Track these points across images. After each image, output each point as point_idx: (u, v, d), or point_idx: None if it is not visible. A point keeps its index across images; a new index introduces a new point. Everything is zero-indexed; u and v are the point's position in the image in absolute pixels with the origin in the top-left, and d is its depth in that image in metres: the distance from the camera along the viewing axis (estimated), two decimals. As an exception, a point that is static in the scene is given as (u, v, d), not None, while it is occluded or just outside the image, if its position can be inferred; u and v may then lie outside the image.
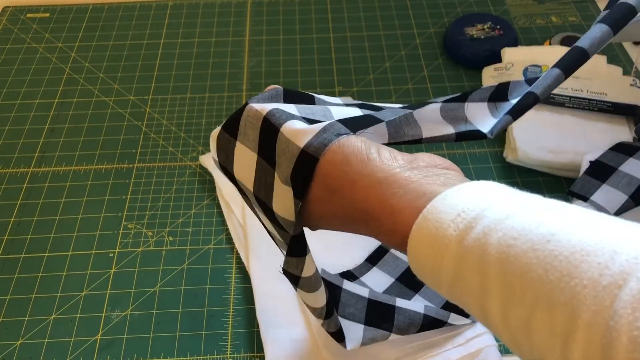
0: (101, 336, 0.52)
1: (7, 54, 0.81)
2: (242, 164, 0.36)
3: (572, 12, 0.84)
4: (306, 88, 0.74)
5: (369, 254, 0.56)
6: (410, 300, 0.51)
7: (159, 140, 0.69)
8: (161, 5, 0.88)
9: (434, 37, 0.81)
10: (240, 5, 0.88)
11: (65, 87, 0.76)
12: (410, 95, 0.73)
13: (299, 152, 0.32)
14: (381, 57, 0.79)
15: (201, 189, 0.64)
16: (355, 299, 0.49)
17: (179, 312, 0.54)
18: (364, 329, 0.47)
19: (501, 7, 0.86)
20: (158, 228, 0.60)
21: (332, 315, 0.43)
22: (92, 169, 0.66)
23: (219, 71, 0.77)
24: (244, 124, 0.35)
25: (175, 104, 0.73)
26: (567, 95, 0.65)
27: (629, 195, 0.54)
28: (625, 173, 0.56)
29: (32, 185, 0.65)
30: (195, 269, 0.57)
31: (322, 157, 0.32)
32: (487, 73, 0.70)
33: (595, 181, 0.56)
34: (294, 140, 0.33)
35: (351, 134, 0.33)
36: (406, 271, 0.54)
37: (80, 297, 0.55)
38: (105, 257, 0.58)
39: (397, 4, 0.87)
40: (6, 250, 0.59)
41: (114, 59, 0.79)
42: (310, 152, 0.32)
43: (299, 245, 0.36)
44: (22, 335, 0.53)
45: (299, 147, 0.32)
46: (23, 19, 0.87)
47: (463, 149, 0.67)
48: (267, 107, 0.35)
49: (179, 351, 0.51)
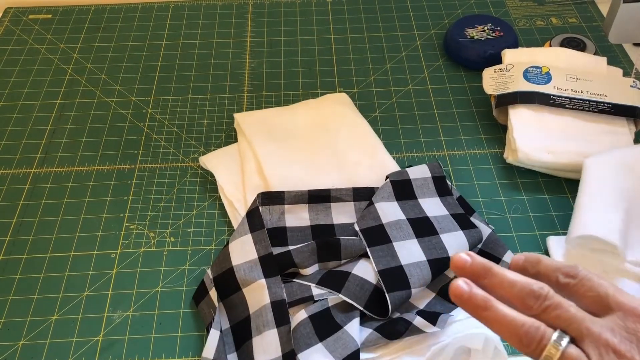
0: (103, 337, 0.53)
1: (9, 55, 0.81)
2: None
3: (572, 13, 0.85)
4: (307, 89, 0.74)
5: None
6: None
7: (160, 141, 0.69)
8: (163, 7, 0.88)
9: (434, 39, 0.82)
10: (241, 7, 0.88)
11: (67, 88, 0.76)
12: (411, 97, 0.73)
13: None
14: (382, 59, 0.79)
15: (202, 190, 0.64)
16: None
17: (181, 312, 0.54)
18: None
19: (501, 9, 0.86)
20: (160, 229, 0.60)
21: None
22: (94, 169, 0.66)
23: (220, 72, 0.77)
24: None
25: (176, 105, 0.73)
26: (567, 97, 0.65)
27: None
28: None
29: (34, 186, 0.65)
30: (197, 270, 0.57)
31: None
32: (487, 74, 0.70)
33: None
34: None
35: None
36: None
37: (82, 297, 0.55)
38: (107, 258, 0.58)
39: (398, 6, 0.87)
40: (8, 251, 0.59)
41: (115, 60, 0.80)
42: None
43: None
44: (24, 335, 0.53)
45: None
46: (25, 20, 0.87)
47: (463, 150, 0.67)
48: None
49: (180, 352, 0.51)
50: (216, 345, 0.48)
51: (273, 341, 0.48)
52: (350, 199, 0.59)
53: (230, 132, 0.70)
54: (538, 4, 0.87)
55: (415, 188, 0.58)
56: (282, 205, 0.58)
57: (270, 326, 0.48)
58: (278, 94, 0.74)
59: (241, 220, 0.56)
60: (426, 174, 0.59)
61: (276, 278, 0.51)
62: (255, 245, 0.53)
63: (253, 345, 0.48)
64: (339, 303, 0.51)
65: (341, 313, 0.50)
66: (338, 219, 0.58)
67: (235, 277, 0.52)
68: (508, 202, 0.61)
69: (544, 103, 0.65)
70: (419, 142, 0.68)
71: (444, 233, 0.54)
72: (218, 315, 0.50)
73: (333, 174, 0.62)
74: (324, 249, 0.54)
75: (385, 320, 0.50)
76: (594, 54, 0.72)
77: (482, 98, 0.73)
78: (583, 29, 0.81)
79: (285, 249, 0.54)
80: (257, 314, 0.50)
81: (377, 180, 0.61)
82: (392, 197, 0.57)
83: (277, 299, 0.50)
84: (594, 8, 0.85)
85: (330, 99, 0.71)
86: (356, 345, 0.47)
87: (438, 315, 0.48)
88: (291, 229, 0.57)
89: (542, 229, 0.59)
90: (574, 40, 0.75)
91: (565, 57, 0.70)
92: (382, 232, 0.54)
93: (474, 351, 0.48)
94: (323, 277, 0.53)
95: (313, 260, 0.54)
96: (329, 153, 0.64)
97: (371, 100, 0.73)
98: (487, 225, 0.57)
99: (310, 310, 0.50)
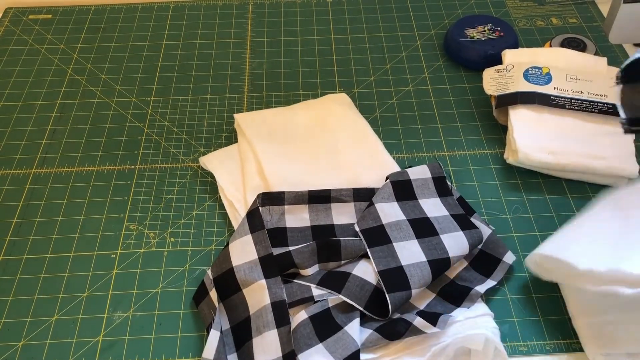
0: (103, 337, 0.53)
1: (9, 55, 0.81)
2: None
3: (573, 13, 0.85)
4: (307, 89, 0.74)
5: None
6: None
7: (160, 142, 0.69)
8: (163, 7, 0.88)
9: (434, 39, 0.82)
10: (241, 7, 0.88)
11: (68, 88, 0.76)
12: (411, 97, 0.73)
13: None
14: (382, 59, 0.79)
15: (203, 190, 0.64)
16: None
17: (181, 312, 0.54)
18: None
19: (502, 9, 0.86)
20: (160, 229, 0.60)
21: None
22: (94, 170, 0.66)
23: (221, 72, 0.77)
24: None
25: (177, 105, 0.73)
26: (567, 97, 0.65)
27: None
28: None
29: (35, 187, 0.65)
30: (197, 270, 0.57)
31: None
32: (487, 74, 0.70)
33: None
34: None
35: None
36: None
37: (82, 298, 0.55)
38: (107, 258, 0.58)
39: (398, 6, 0.87)
40: (8, 252, 0.59)
41: (116, 61, 0.80)
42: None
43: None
44: (24, 336, 0.53)
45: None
46: (25, 20, 0.87)
47: (464, 150, 0.67)
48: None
49: (180, 352, 0.51)
50: (216, 345, 0.48)
51: (273, 342, 0.48)
52: (350, 200, 0.59)
53: (231, 132, 0.70)
54: (538, 4, 0.87)
55: (416, 188, 0.58)
56: (282, 206, 0.58)
57: (270, 327, 0.48)
58: (278, 94, 0.74)
59: (241, 221, 0.56)
60: (426, 174, 0.59)
61: (276, 279, 0.51)
62: (255, 246, 0.53)
63: (253, 345, 0.48)
64: (339, 304, 0.51)
65: (341, 313, 0.50)
66: (338, 220, 0.58)
67: (236, 278, 0.52)
68: (508, 203, 0.61)
69: (544, 103, 0.65)
70: (419, 142, 0.68)
71: (444, 233, 0.54)
72: (218, 316, 0.50)
73: (333, 174, 0.62)
74: (324, 249, 0.54)
75: (385, 320, 0.50)
76: (594, 54, 0.72)
77: (482, 98, 0.73)
78: (583, 29, 0.81)
79: (285, 250, 0.54)
80: (257, 314, 0.50)
81: (377, 181, 0.61)
82: (392, 197, 0.57)
83: (277, 299, 0.50)
84: (594, 8, 0.85)
85: (331, 99, 0.71)
86: (356, 346, 0.47)
87: (438, 316, 0.48)
88: (291, 229, 0.57)
89: (542, 230, 0.59)
90: (574, 40, 0.75)
91: (566, 58, 0.70)
92: (383, 233, 0.54)
93: (474, 352, 0.48)
94: (323, 278, 0.53)
95: (313, 260, 0.54)
96: (329, 153, 0.64)
97: (371, 101, 0.73)
98: (487, 226, 0.57)
99: (310, 310, 0.50)
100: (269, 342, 0.48)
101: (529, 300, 0.54)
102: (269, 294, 0.50)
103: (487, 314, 0.50)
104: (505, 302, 0.54)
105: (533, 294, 0.54)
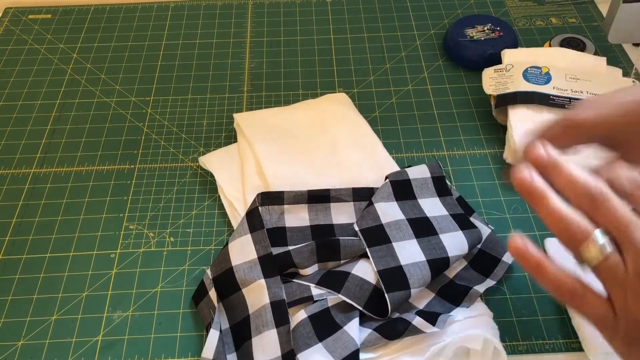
0: (102, 337, 0.53)
1: (8, 55, 0.81)
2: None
3: (572, 13, 0.85)
4: (307, 89, 0.74)
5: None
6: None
7: (160, 141, 0.69)
8: (162, 7, 0.88)
9: (434, 39, 0.82)
10: (241, 7, 0.88)
11: (67, 88, 0.76)
12: (411, 97, 0.73)
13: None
14: (382, 59, 0.79)
15: (202, 190, 0.64)
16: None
17: (180, 312, 0.54)
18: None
19: (501, 9, 0.86)
20: (159, 229, 0.60)
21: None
22: (94, 169, 0.66)
23: (220, 72, 0.77)
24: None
25: (176, 105, 0.73)
26: (567, 97, 0.65)
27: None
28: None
29: (34, 186, 0.65)
30: (197, 270, 0.57)
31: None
32: (487, 74, 0.70)
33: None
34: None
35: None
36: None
37: (81, 297, 0.55)
38: (106, 258, 0.58)
39: (398, 6, 0.87)
40: (8, 251, 0.59)
41: (115, 60, 0.80)
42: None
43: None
44: (24, 336, 0.53)
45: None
46: (25, 20, 0.87)
47: (463, 150, 0.67)
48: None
49: (180, 352, 0.51)
50: (215, 345, 0.48)
51: (272, 341, 0.48)
52: (349, 199, 0.59)
53: (230, 132, 0.70)
54: (538, 4, 0.87)
55: (415, 188, 0.58)
56: (281, 206, 0.58)
57: (269, 326, 0.48)
58: (278, 94, 0.74)
59: (241, 221, 0.56)
60: (426, 174, 0.59)
61: (276, 278, 0.51)
62: (254, 246, 0.53)
63: (252, 345, 0.48)
64: (338, 303, 0.51)
65: (341, 313, 0.50)
66: (338, 219, 0.58)
67: (235, 277, 0.52)
68: (508, 202, 0.61)
69: (543, 103, 0.65)
70: (419, 142, 0.68)
71: (444, 233, 0.54)
72: (217, 316, 0.50)
73: (333, 174, 0.62)
74: (323, 249, 0.54)
75: (384, 320, 0.50)
76: (594, 54, 0.72)
77: (481, 98, 0.73)
78: (583, 29, 0.81)
79: (284, 249, 0.54)
80: (257, 314, 0.50)
81: (376, 180, 0.61)
82: (391, 197, 0.57)
83: (276, 299, 0.50)
84: (594, 8, 0.85)
85: (330, 99, 0.71)
86: (356, 346, 0.47)
87: (437, 316, 0.48)
88: (291, 229, 0.57)
89: (541, 229, 0.59)
90: (574, 40, 0.75)
91: (565, 57, 0.70)
92: (382, 232, 0.54)
93: (474, 351, 0.48)
94: (323, 277, 0.53)
95: (313, 260, 0.54)
96: (328, 153, 0.64)
97: (371, 100, 0.73)
98: (486, 226, 0.57)
99: (309, 310, 0.50)
100: (268, 341, 0.48)
101: (528, 300, 0.54)
102: (269, 293, 0.50)
103: (486, 314, 0.50)
104: (504, 302, 0.54)
105: (532, 293, 0.54)
